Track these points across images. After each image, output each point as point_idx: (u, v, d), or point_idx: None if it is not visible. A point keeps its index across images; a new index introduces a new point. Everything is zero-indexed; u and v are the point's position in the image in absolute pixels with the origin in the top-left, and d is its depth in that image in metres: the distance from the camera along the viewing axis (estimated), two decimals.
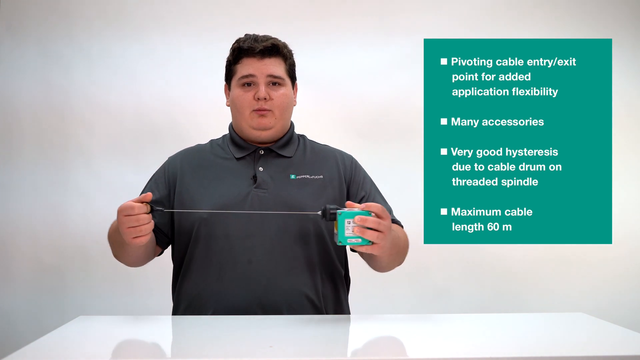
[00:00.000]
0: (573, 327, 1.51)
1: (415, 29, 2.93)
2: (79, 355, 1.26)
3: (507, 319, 1.66)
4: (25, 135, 2.87)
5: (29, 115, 2.88)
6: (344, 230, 1.43)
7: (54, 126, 2.87)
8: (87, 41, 2.89)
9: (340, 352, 1.32)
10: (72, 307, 2.80)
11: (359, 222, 1.44)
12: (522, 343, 1.36)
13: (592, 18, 2.96)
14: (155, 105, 2.90)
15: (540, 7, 2.97)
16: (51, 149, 2.87)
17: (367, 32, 2.96)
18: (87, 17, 2.89)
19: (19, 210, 2.85)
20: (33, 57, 2.88)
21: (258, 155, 1.79)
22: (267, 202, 1.70)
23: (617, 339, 1.38)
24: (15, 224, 2.85)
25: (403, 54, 2.93)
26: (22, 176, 2.86)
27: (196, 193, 1.72)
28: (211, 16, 2.92)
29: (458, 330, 1.47)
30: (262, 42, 1.75)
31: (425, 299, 2.85)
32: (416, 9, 2.97)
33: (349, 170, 1.82)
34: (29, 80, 2.87)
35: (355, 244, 1.45)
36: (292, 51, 1.81)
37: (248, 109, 1.76)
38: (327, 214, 1.45)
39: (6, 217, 2.84)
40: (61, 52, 2.89)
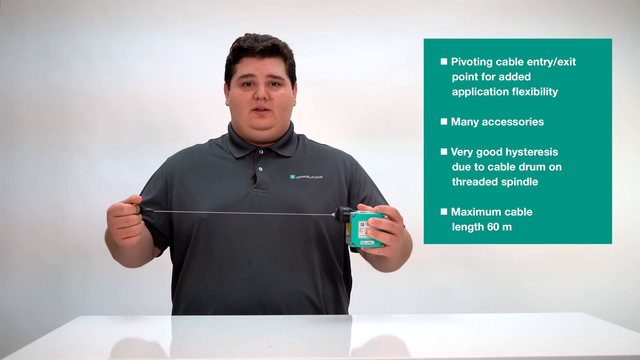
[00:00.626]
0: (573, 327, 1.51)
1: (415, 29, 2.93)
2: (79, 355, 1.25)
3: (507, 319, 1.66)
4: (26, 134, 2.87)
5: (29, 116, 2.88)
6: (357, 232, 1.44)
7: (54, 125, 2.87)
8: (87, 39, 2.88)
9: (340, 352, 1.32)
10: (72, 307, 2.79)
11: (373, 224, 1.45)
12: (522, 343, 1.36)
13: (592, 18, 2.96)
14: (155, 104, 2.89)
15: (540, 7, 2.97)
16: (52, 149, 2.86)
17: (367, 31, 2.95)
18: (87, 15, 2.88)
19: (18, 209, 2.84)
20: (33, 55, 2.88)
21: (258, 155, 1.78)
22: (266, 202, 1.70)
23: (617, 339, 1.38)
24: (15, 224, 2.84)
25: (403, 54, 2.93)
26: (21, 175, 2.85)
27: (196, 194, 1.72)
28: (212, 15, 2.92)
29: (458, 330, 1.47)
30: (262, 42, 1.75)
31: (425, 299, 2.85)
32: (416, 9, 2.97)
33: (350, 170, 1.82)
34: (30, 81, 2.87)
35: (368, 246, 1.46)
36: (292, 51, 1.81)
37: (247, 109, 1.76)
38: (341, 215, 1.46)
39: (6, 216, 2.84)
40: (61, 53, 2.88)
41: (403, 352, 1.31)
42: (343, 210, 1.46)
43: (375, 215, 1.45)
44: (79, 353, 1.28)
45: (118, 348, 1.30)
